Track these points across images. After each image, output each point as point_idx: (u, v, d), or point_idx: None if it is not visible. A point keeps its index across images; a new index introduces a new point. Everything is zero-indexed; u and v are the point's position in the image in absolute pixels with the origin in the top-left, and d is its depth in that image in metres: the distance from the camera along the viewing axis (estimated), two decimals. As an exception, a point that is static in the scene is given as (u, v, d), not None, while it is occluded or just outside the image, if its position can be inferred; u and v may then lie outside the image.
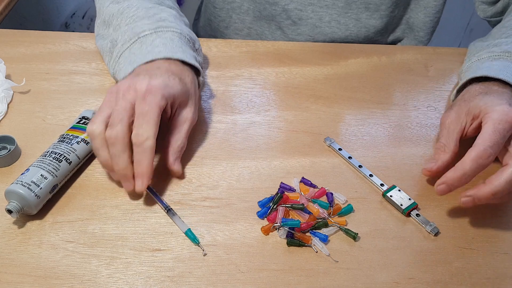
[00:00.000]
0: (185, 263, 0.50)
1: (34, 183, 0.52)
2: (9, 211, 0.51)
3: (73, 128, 0.60)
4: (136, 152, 0.53)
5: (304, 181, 0.58)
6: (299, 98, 0.70)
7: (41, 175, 0.52)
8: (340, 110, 0.69)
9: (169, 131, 0.58)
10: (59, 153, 0.55)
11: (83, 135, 0.58)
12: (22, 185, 0.51)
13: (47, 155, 0.55)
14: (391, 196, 0.57)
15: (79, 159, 0.57)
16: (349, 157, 0.61)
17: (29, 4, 1.36)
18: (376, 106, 0.70)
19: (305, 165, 0.61)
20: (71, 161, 0.55)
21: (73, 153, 0.56)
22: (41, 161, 0.54)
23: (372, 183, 0.59)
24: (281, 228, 0.53)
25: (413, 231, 0.55)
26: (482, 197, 0.51)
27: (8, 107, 0.66)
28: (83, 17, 1.62)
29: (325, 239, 0.52)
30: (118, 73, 0.63)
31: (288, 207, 0.55)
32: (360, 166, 0.60)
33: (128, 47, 0.62)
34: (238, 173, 0.59)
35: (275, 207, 0.55)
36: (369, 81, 0.74)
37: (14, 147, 0.58)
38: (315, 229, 0.54)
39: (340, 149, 0.62)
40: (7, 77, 0.69)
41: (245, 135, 0.64)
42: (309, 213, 0.55)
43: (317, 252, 0.52)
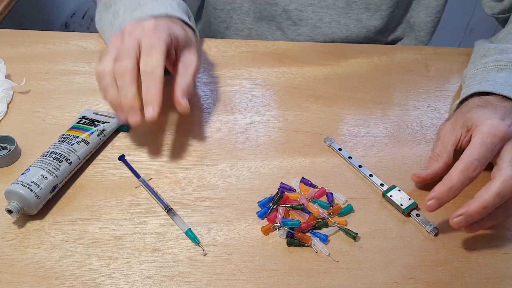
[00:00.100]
0: (185, 263, 0.50)
1: (34, 183, 0.52)
2: (9, 211, 0.51)
3: (73, 128, 0.60)
4: (145, 80, 0.54)
5: (304, 181, 0.58)
6: (299, 98, 0.70)
7: (42, 175, 0.53)
8: (340, 110, 0.69)
9: (176, 74, 0.59)
10: (60, 153, 0.55)
11: (83, 135, 0.58)
12: (22, 185, 0.51)
13: (48, 155, 0.55)
14: (391, 196, 0.57)
15: (79, 159, 0.57)
16: (349, 157, 0.61)
17: (29, 4, 1.36)
18: (376, 106, 0.70)
19: (305, 165, 0.61)
20: (71, 161, 0.55)
21: (73, 153, 0.56)
22: (42, 161, 0.54)
23: (372, 183, 0.59)
24: (281, 228, 0.53)
25: (413, 231, 0.55)
26: (473, 213, 0.49)
27: (8, 107, 0.66)
28: (83, 17, 1.62)
29: (325, 239, 0.52)
30: None
31: (288, 207, 0.55)
32: (360, 166, 0.60)
33: (129, 14, 0.63)
34: (238, 173, 0.59)
35: (275, 207, 0.55)
36: (369, 81, 0.74)
37: (14, 147, 0.58)
38: (315, 229, 0.54)
39: (340, 149, 0.62)
40: (7, 77, 0.69)
41: (245, 135, 0.64)
42: (309, 213, 0.55)
43: (317, 252, 0.52)
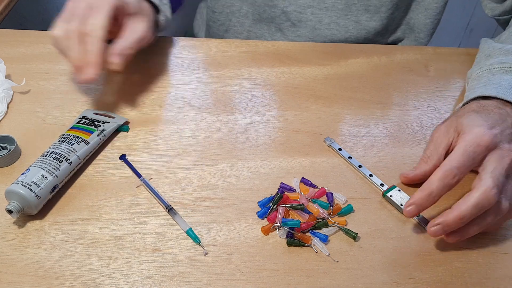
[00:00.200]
0: (185, 263, 0.50)
1: (34, 183, 0.52)
2: (9, 211, 0.51)
3: (73, 128, 0.60)
4: (85, 41, 0.55)
5: (304, 181, 0.58)
6: (299, 98, 0.70)
7: (42, 175, 0.53)
8: (340, 110, 0.69)
9: (119, 37, 0.61)
10: (60, 153, 0.55)
11: (83, 135, 0.58)
12: (22, 185, 0.51)
13: (48, 155, 0.55)
14: (391, 196, 0.57)
15: (79, 159, 0.57)
16: (349, 157, 0.61)
17: (29, 4, 1.36)
18: (376, 106, 0.70)
19: (305, 165, 0.61)
20: (71, 162, 0.55)
21: (74, 153, 0.56)
22: (42, 161, 0.54)
23: (372, 183, 0.59)
24: (281, 228, 0.53)
25: (413, 231, 0.55)
26: (450, 223, 0.49)
27: (8, 107, 0.66)
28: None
29: (325, 239, 0.52)
30: None
31: (288, 207, 0.55)
32: (360, 166, 0.60)
33: None
34: (238, 173, 0.59)
35: (275, 207, 0.55)
36: (369, 81, 0.74)
37: (14, 147, 0.58)
38: (315, 229, 0.54)
39: (340, 149, 0.62)
40: (7, 77, 0.69)
41: (245, 135, 0.64)
42: (309, 213, 0.55)
43: (317, 252, 0.52)
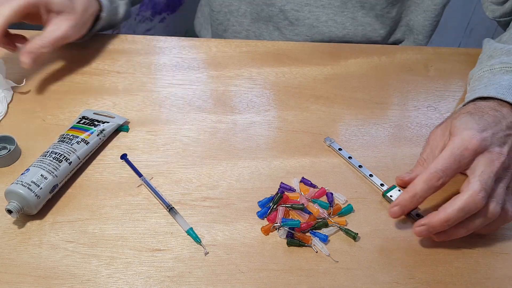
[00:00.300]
0: (185, 263, 0.50)
1: (34, 183, 0.52)
2: (9, 211, 0.51)
3: (73, 128, 0.60)
4: None
5: (304, 181, 0.58)
6: (299, 98, 0.70)
7: (41, 175, 0.52)
8: (340, 110, 0.69)
9: (41, 33, 0.62)
10: (59, 153, 0.55)
11: (83, 135, 0.58)
12: (22, 185, 0.51)
13: (47, 155, 0.55)
14: (391, 196, 0.57)
15: (79, 159, 0.57)
16: (349, 157, 0.61)
17: (29, 4, 1.36)
18: (376, 106, 0.70)
19: (305, 165, 0.61)
20: (71, 161, 0.55)
21: (73, 153, 0.56)
22: (41, 161, 0.54)
23: (372, 183, 0.59)
24: (281, 228, 0.53)
25: (413, 231, 0.55)
26: (435, 225, 0.50)
27: (8, 107, 0.66)
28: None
29: (325, 239, 0.52)
30: None
31: (288, 207, 0.55)
32: (360, 166, 0.60)
33: None
34: (238, 173, 0.59)
35: (275, 207, 0.55)
36: (369, 81, 0.74)
37: (14, 147, 0.58)
38: (315, 229, 0.54)
39: (340, 149, 0.62)
40: (7, 77, 0.69)
41: (245, 135, 0.64)
42: (309, 213, 0.55)
43: (317, 252, 0.52)
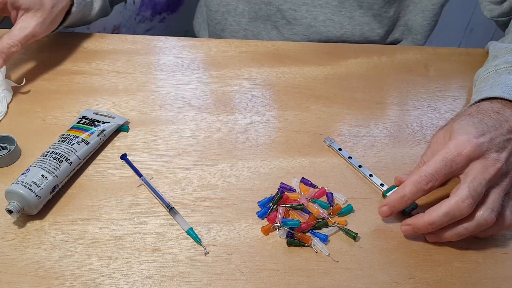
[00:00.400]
0: (185, 263, 0.50)
1: (34, 183, 0.52)
2: (10, 211, 0.51)
3: (73, 128, 0.60)
4: None
5: (304, 181, 0.58)
6: (299, 98, 0.70)
7: (42, 175, 0.52)
8: (340, 110, 0.69)
9: (8, 32, 0.62)
10: (60, 153, 0.55)
11: (83, 135, 0.58)
12: (22, 185, 0.51)
13: (48, 155, 0.55)
14: (391, 196, 0.57)
15: (79, 159, 0.57)
16: (349, 157, 0.61)
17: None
18: (376, 106, 0.70)
19: (305, 165, 0.61)
20: (71, 162, 0.55)
21: (74, 153, 0.56)
22: (42, 161, 0.54)
23: (372, 183, 0.59)
24: (281, 228, 0.53)
25: (413, 231, 0.55)
26: (420, 227, 0.51)
27: (8, 107, 0.66)
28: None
29: (325, 239, 0.52)
30: None
31: (288, 207, 0.55)
32: (360, 166, 0.60)
33: None
34: (238, 173, 0.59)
35: (275, 207, 0.55)
36: (369, 81, 0.74)
37: (14, 147, 0.58)
38: (315, 229, 0.54)
39: (340, 149, 0.62)
40: (7, 77, 0.69)
41: (245, 135, 0.64)
42: (309, 213, 0.55)
43: (317, 252, 0.52)
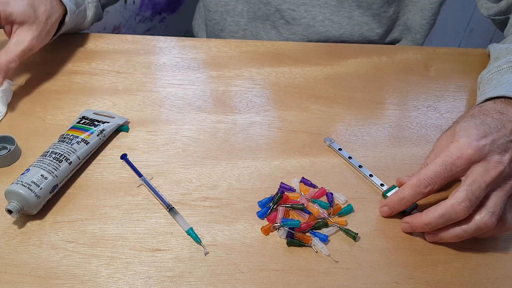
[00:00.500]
0: (185, 263, 0.50)
1: (34, 183, 0.52)
2: (9, 211, 0.51)
3: (73, 128, 0.60)
4: None
5: (304, 181, 0.58)
6: (299, 98, 0.70)
7: (41, 175, 0.52)
8: (340, 110, 0.69)
9: (4, 47, 0.62)
10: (59, 153, 0.55)
11: (83, 135, 0.58)
12: (22, 185, 0.51)
13: (47, 155, 0.55)
14: (391, 196, 0.57)
15: (79, 159, 0.57)
16: (349, 157, 0.61)
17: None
18: (376, 106, 0.70)
19: (305, 165, 0.61)
20: (71, 161, 0.55)
21: (73, 153, 0.56)
22: (41, 161, 0.54)
23: (372, 183, 0.59)
24: (281, 228, 0.53)
25: (413, 231, 0.55)
26: (416, 226, 0.52)
27: (8, 107, 0.66)
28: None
29: (325, 239, 0.52)
30: None
31: (288, 207, 0.55)
32: (360, 166, 0.60)
33: None
34: (238, 173, 0.59)
35: (275, 207, 0.55)
36: (369, 81, 0.74)
37: (14, 147, 0.58)
38: (315, 229, 0.54)
39: (340, 149, 0.62)
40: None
41: (245, 135, 0.64)
42: (309, 213, 0.55)
43: (317, 252, 0.52)
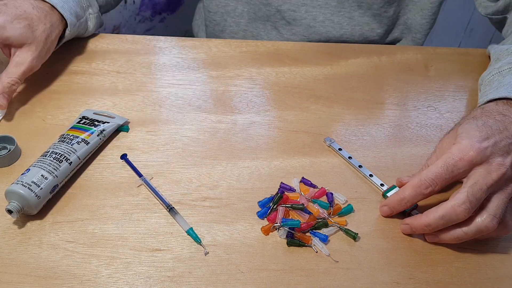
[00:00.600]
0: (185, 263, 0.50)
1: (34, 183, 0.52)
2: (10, 211, 0.51)
3: (73, 128, 0.60)
4: None
5: (304, 181, 0.58)
6: (299, 98, 0.70)
7: (42, 175, 0.52)
8: (340, 110, 0.69)
9: (5, 70, 0.63)
10: (60, 153, 0.55)
11: (83, 135, 0.58)
12: (22, 185, 0.51)
13: (48, 155, 0.55)
14: (391, 196, 0.57)
15: (79, 159, 0.57)
16: (349, 157, 0.61)
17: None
18: (376, 106, 0.70)
19: (305, 165, 0.61)
20: (71, 161, 0.55)
21: (74, 153, 0.56)
22: (42, 161, 0.54)
23: (372, 183, 0.59)
24: (281, 228, 0.53)
25: (413, 231, 0.55)
26: (416, 227, 0.52)
27: (8, 107, 0.66)
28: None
29: (325, 239, 0.52)
30: None
31: (288, 207, 0.55)
32: (360, 166, 0.60)
33: None
34: (238, 173, 0.59)
35: (275, 207, 0.55)
36: (369, 81, 0.74)
37: (14, 147, 0.58)
38: (315, 229, 0.54)
39: (340, 149, 0.62)
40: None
41: (245, 135, 0.64)
42: (309, 213, 0.55)
43: (317, 252, 0.52)
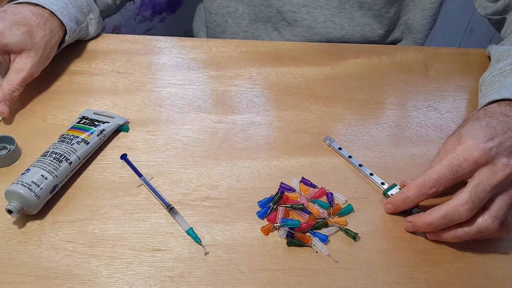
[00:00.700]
0: (185, 263, 0.50)
1: (34, 183, 0.52)
2: (9, 211, 0.51)
3: (73, 128, 0.60)
4: None
5: (304, 181, 0.58)
6: (299, 98, 0.70)
7: (42, 175, 0.52)
8: (340, 110, 0.69)
9: (5, 77, 0.63)
10: (60, 153, 0.55)
11: (83, 135, 0.58)
12: (22, 185, 0.51)
13: (48, 155, 0.55)
14: (391, 195, 0.56)
15: (79, 159, 0.57)
16: (349, 157, 0.61)
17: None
18: (376, 106, 0.70)
19: (305, 165, 0.61)
20: (71, 161, 0.55)
21: (74, 153, 0.56)
22: (42, 161, 0.54)
23: (372, 182, 0.59)
24: (281, 228, 0.53)
25: (413, 231, 0.55)
26: (419, 225, 0.52)
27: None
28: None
29: (325, 239, 0.52)
30: None
31: (288, 207, 0.55)
32: (360, 165, 0.60)
33: None
34: (238, 173, 0.59)
35: (275, 207, 0.55)
36: (369, 81, 0.74)
37: (14, 147, 0.58)
38: (315, 229, 0.54)
39: (340, 149, 0.62)
40: (7, 77, 0.69)
41: (245, 135, 0.64)
42: (309, 213, 0.55)
43: (317, 252, 0.52)
